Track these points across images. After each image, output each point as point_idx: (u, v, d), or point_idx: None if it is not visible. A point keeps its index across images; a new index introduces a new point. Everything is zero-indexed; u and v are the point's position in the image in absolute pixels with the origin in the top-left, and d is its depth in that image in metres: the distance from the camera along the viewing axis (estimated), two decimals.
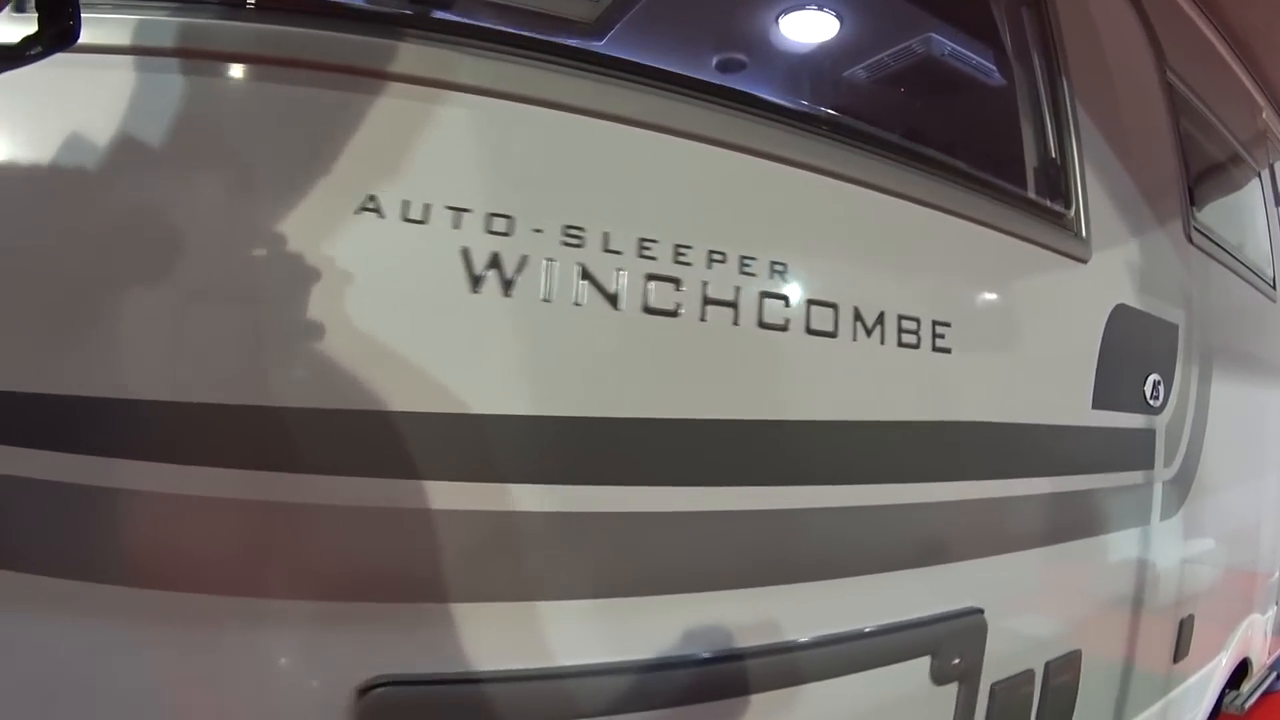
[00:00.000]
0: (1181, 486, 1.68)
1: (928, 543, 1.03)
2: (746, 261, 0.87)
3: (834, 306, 0.92)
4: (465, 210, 0.73)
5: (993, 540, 1.11)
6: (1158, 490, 1.57)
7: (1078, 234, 1.31)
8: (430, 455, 0.70)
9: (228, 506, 0.66)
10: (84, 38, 0.55)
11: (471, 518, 0.72)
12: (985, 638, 1.09)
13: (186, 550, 0.66)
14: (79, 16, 0.54)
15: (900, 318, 0.98)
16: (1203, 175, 2.05)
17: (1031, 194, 1.27)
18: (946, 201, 1.07)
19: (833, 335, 0.92)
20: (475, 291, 0.72)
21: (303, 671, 0.69)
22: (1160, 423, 1.56)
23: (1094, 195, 1.36)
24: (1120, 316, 1.39)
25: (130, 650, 0.65)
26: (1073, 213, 1.31)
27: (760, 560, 0.89)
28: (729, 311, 0.85)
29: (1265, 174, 2.63)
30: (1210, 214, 2.02)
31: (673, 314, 0.83)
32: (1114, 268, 1.41)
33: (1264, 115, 2.71)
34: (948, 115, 1.31)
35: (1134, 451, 1.46)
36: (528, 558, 0.76)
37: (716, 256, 0.85)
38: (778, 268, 0.89)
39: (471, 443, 0.72)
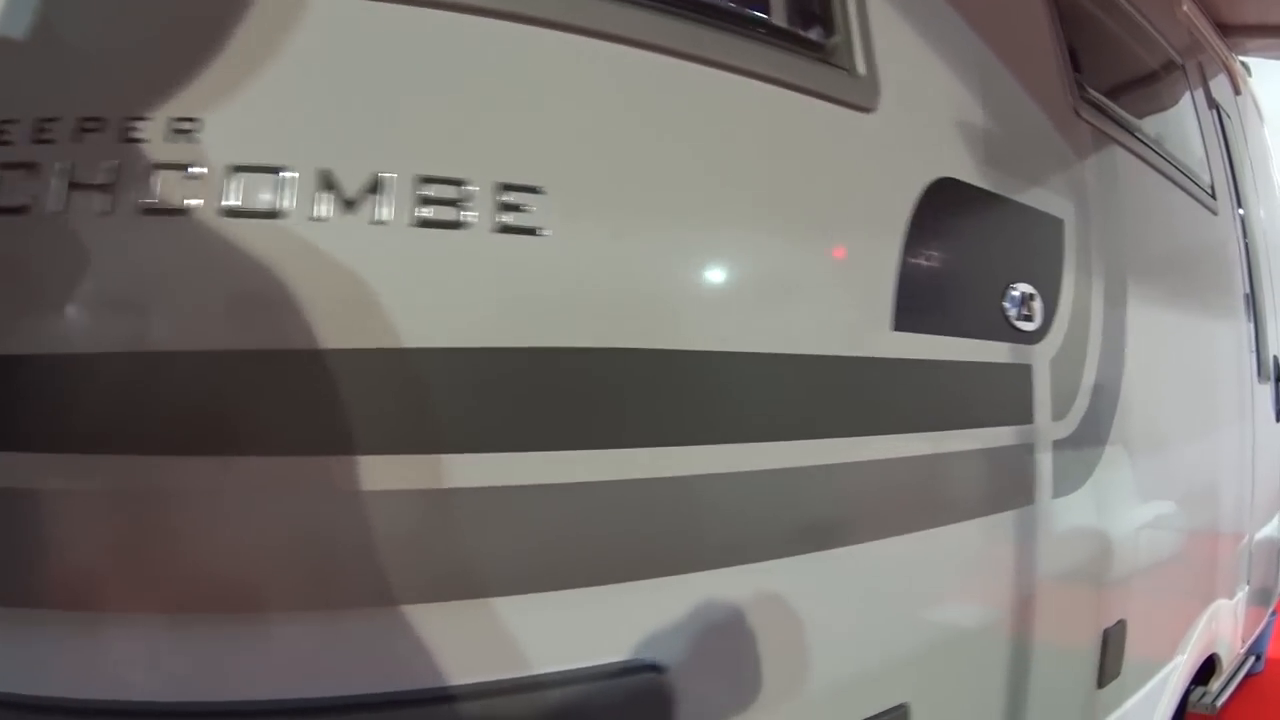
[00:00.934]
0: (1088, 448, 1.21)
1: (516, 555, 0.58)
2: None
3: (275, 171, 0.57)
4: None
5: (673, 549, 0.65)
6: (1045, 455, 1.10)
7: (851, 71, 0.86)
8: None
9: None
10: None
11: None
12: (670, 708, 0.63)
13: None
14: None
15: (421, 180, 0.55)
16: (1098, 51, 1.62)
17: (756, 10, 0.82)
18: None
19: (275, 215, 0.55)
20: None
21: None
22: (1040, 356, 1.10)
23: (883, 24, 0.91)
24: (946, 195, 0.93)
25: None
26: (838, 40, 0.86)
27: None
28: (101, 198, 0.55)
29: (1194, 74, 2.21)
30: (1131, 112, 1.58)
31: None
32: (929, 126, 0.95)
33: (1185, 8, 2.29)
34: None
35: (990, 398, 1.00)
36: None
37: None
38: (183, 126, 0.57)
39: None
